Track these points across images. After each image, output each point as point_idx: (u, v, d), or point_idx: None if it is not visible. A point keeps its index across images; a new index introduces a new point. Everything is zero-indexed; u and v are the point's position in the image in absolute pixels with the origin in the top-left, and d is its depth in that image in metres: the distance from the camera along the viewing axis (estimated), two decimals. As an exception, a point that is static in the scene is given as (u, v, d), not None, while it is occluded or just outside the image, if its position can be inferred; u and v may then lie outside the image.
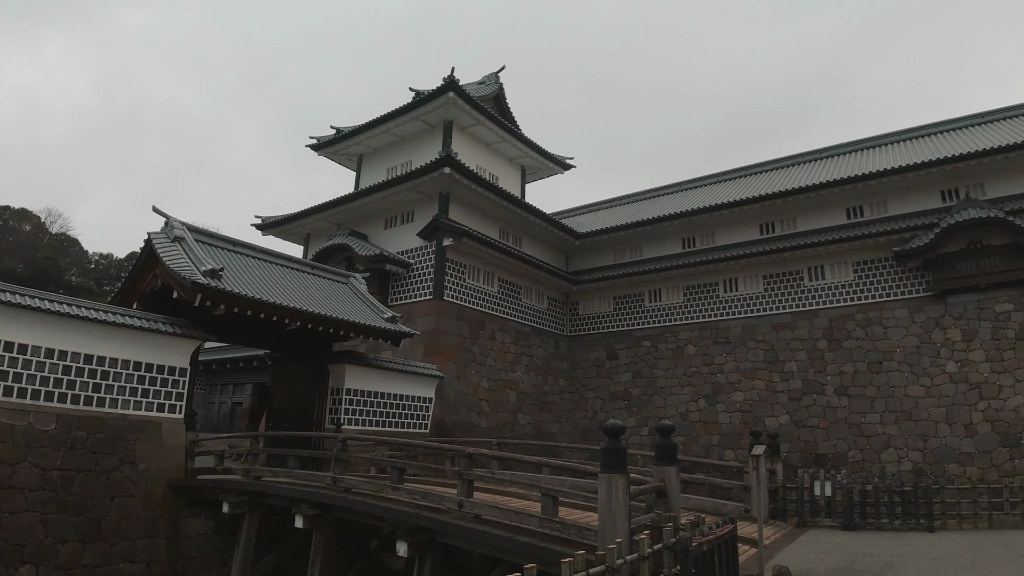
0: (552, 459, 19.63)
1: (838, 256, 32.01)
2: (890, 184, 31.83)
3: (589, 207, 48.96)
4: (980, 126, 35.86)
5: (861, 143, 39.86)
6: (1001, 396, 27.29)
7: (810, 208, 33.89)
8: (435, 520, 14.21)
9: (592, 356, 37.56)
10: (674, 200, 42.16)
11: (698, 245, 36.83)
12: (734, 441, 31.23)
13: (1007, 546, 18.19)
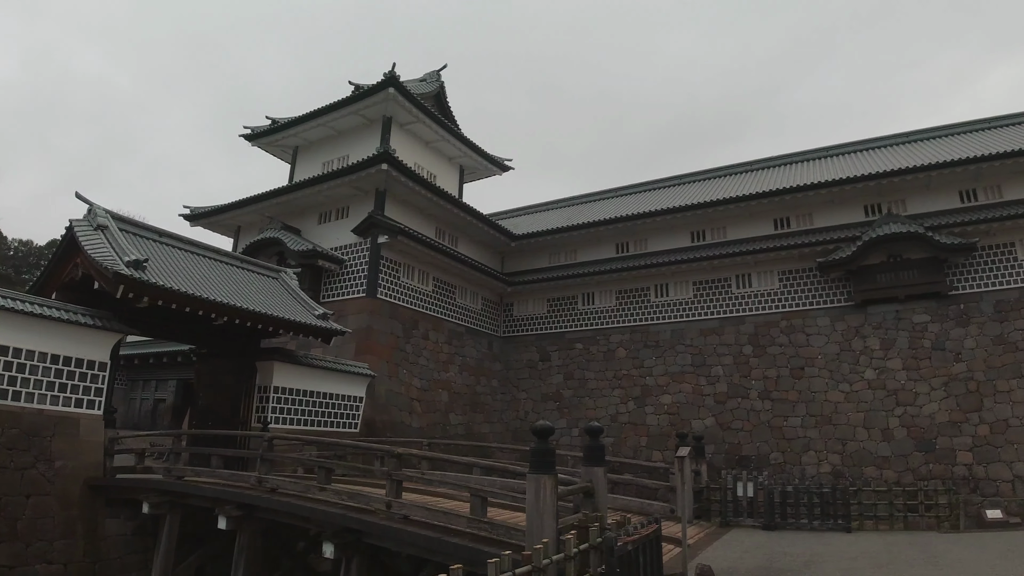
0: (483, 459, 19.66)
1: (765, 265, 33.08)
2: (816, 197, 33.08)
3: (526, 209, 49.26)
4: (905, 144, 37.68)
5: (791, 157, 41.29)
6: (917, 403, 28.61)
7: (740, 218, 34.90)
8: (363, 521, 14.10)
9: (525, 357, 37.83)
10: (610, 205, 42.77)
11: (632, 250, 37.48)
12: (662, 443, 31.87)
13: (921, 547, 18.95)
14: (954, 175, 30.96)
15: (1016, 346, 28.14)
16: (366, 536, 14.25)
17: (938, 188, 31.58)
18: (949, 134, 37.33)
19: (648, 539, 10.59)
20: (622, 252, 37.74)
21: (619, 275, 35.69)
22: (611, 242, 38.18)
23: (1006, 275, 29.32)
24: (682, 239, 36.31)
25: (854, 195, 32.66)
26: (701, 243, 35.74)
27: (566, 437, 33.72)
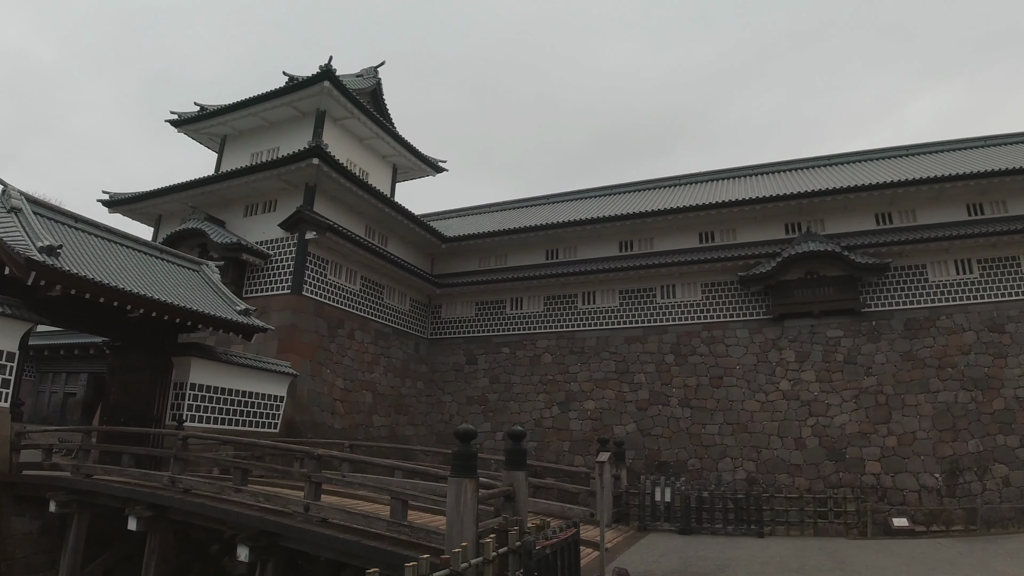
0: (405, 462, 19.51)
1: (689, 277, 33.92)
2: (740, 213, 34.16)
3: (459, 211, 49.23)
4: (827, 167, 39.55)
5: (718, 173, 42.60)
6: (828, 414, 29.76)
7: (667, 230, 35.68)
8: (279, 524, 13.79)
9: (451, 360, 37.72)
10: (542, 212, 43.14)
11: (561, 257, 37.87)
12: (584, 447, 32.22)
13: (830, 553, 19.60)
14: (871, 198, 32.49)
15: (924, 363, 29.59)
16: (283, 539, 13.94)
17: (856, 209, 33.06)
18: (870, 158, 39.25)
19: (566, 543, 10.66)
20: (552, 259, 38.08)
21: (548, 281, 36.00)
22: (541, 248, 38.48)
23: (916, 295, 30.86)
24: (611, 248, 36.88)
25: (776, 213, 33.90)
26: (629, 253, 36.38)
27: (490, 441, 33.73)
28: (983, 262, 30.69)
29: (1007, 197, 31.70)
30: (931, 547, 20.47)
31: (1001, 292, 30.18)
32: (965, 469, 27.43)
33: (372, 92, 38.24)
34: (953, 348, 29.68)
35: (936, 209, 32.34)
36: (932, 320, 30.41)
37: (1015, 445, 27.41)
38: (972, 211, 32.09)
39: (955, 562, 17.43)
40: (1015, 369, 28.69)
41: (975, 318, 30.02)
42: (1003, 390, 28.45)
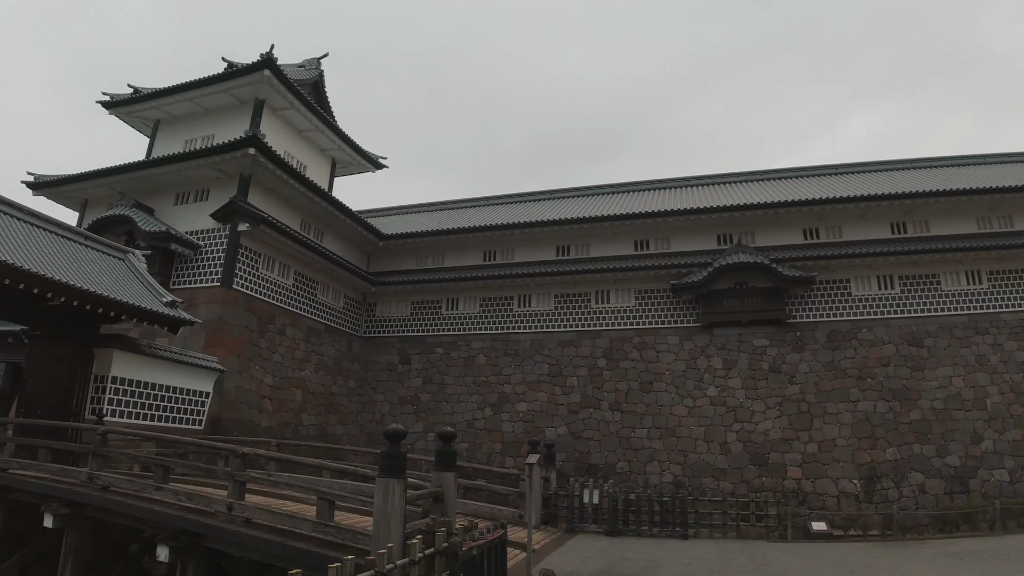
0: (333, 462, 19.22)
1: (623, 283, 34.45)
2: (675, 223, 34.91)
3: (398, 209, 48.75)
4: (761, 181, 40.86)
5: (656, 183, 43.46)
6: (753, 420, 30.59)
7: (603, 236, 36.13)
8: (201, 523, 13.45)
9: (385, 359, 37.34)
10: (481, 213, 43.11)
11: (499, 259, 37.92)
12: (515, 449, 32.31)
13: (751, 555, 20.07)
14: (800, 213, 33.64)
15: (845, 373, 30.70)
16: (205, 539, 13.59)
17: (785, 224, 34.16)
18: (802, 175, 40.81)
19: (493, 544, 10.68)
20: (489, 260, 38.10)
21: (484, 283, 36.04)
22: (479, 250, 38.47)
23: (840, 308, 32.04)
24: (548, 252, 37.14)
25: (709, 224, 34.76)
26: (566, 257, 36.71)
27: (421, 442, 33.50)
28: (904, 278, 32.08)
29: (929, 218, 33.25)
30: (849, 551, 21.17)
31: (920, 308, 31.59)
32: (882, 476, 28.56)
33: (314, 84, 37.60)
34: (873, 360, 30.89)
35: (862, 226, 33.66)
36: (854, 332, 31.60)
37: (931, 454, 28.67)
38: (896, 230, 33.54)
39: (871, 566, 18.05)
40: (932, 382, 30.04)
41: (895, 332, 31.32)
42: (920, 401, 29.76)
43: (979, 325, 31.08)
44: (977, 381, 29.91)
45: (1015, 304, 31.16)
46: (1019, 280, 31.45)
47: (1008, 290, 31.43)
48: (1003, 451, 28.34)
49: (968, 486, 27.88)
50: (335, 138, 37.98)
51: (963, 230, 32.99)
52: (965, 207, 32.97)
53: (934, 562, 18.52)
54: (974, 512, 25.80)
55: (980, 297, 31.56)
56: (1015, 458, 28.13)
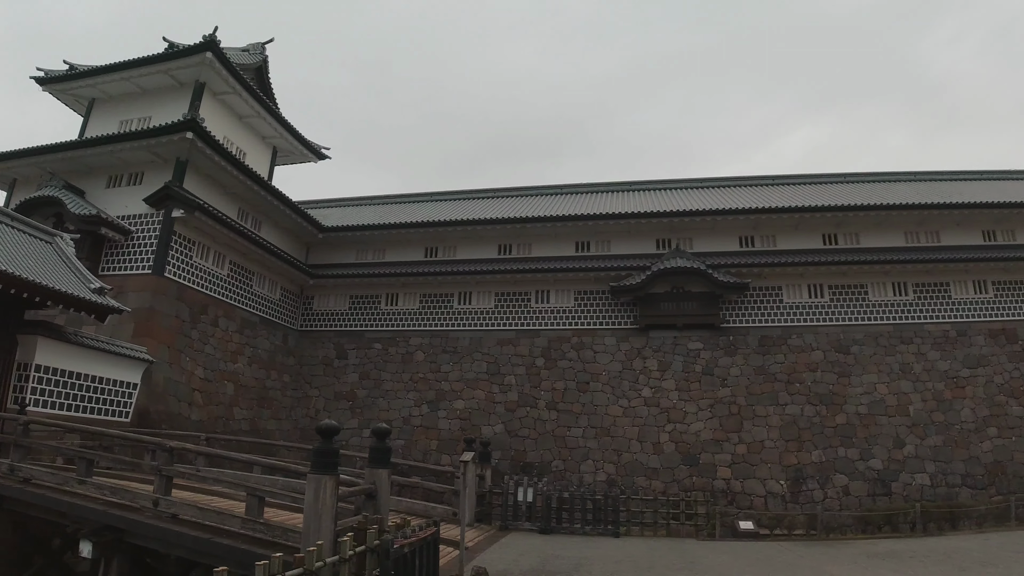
0: (264, 458, 18.90)
1: (563, 284, 34.73)
2: (616, 226, 35.38)
3: (340, 201, 48.00)
4: (700, 189, 41.83)
5: (599, 186, 44.08)
6: (685, 421, 31.22)
7: (545, 237, 36.34)
8: (126, 519, 13.07)
9: (321, 353, 36.74)
10: (424, 209, 42.83)
11: (440, 256, 37.76)
12: (452, 447, 32.22)
13: (680, 552, 20.46)
14: (737, 221, 34.51)
15: (775, 377, 31.59)
16: (129, 535, 13.20)
17: (722, 231, 35.03)
18: (741, 184, 42.27)
19: (426, 542, 10.63)
20: (431, 256, 37.91)
21: (425, 279, 35.83)
22: (421, 246, 38.24)
23: (772, 314, 32.98)
24: (490, 250, 37.15)
25: (649, 228, 35.36)
26: (507, 256, 36.80)
27: (357, 438, 33.10)
28: (833, 288, 33.21)
29: (860, 230, 34.55)
30: (774, 550, 21.74)
31: (848, 316, 32.76)
32: (808, 477, 29.48)
33: (258, 69, 36.76)
34: (802, 365, 31.87)
35: (795, 236, 34.76)
36: (784, 338, 32.56)
37: (855, 457, 29.73)
38: (827, 240, 34.76)
39: (795, 564, 18.58)
40: (857, 388, 31.18)
41: (823, 339, 32.38)
42: (845, 406, 30.86)
43: (904, 335, 32.38)
44: (901, 388, 31.18)
45: (939, 316, 32.62)
46: (943, 293, 32.96)
47: (932, 302, 32.87)
48: (924, 456, 29.60)
49: (890, 489, 29.02)
50: (277, 126, 37.22)
51: (892, 243, 34.42)
52: (894, 221, 34.37)
53: (856, 562, 19.15)
54: (895, 514, 26.85)
55: (906, 308, 32.90)
56: (936, 463, 29.42)
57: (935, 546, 21.85)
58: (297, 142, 39.23)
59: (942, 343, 32.18)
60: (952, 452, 29.70)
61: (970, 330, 32.44)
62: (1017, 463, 29.36)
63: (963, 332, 32.41)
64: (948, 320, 32.69)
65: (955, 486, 28.97)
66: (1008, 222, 34.59)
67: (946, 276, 33.13)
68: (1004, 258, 32.45)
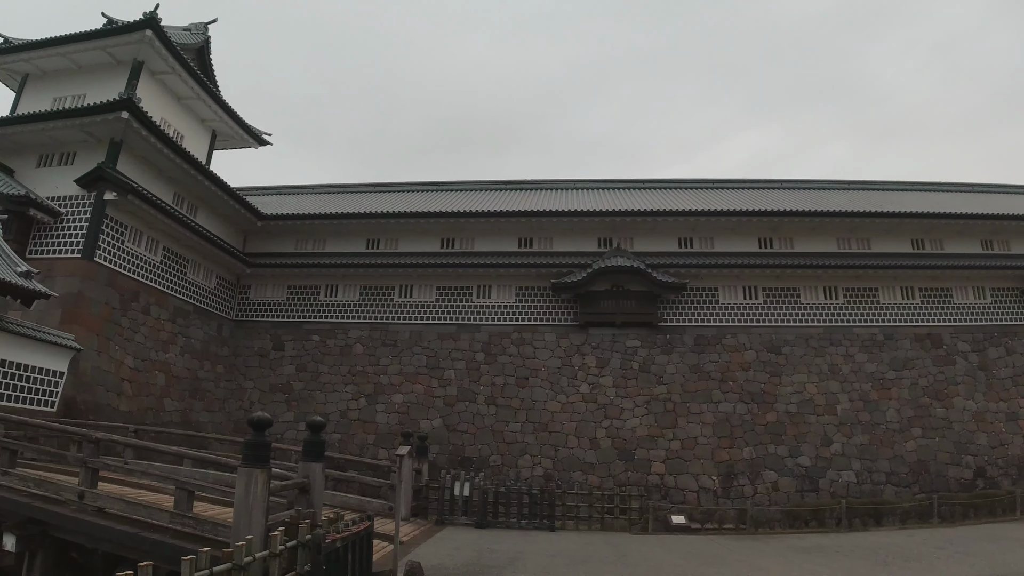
0: (195, 451, 18.50)
1: (505, 279, 34.86)
2: (558, 224, 35.65)
3: (280, 189, 47.09)
4: (643, 190, 42.62)
5: (543, 183, 44.48)
6: (622, 417, 31.71)
7: (488, 232, 36.38)
8: (50, 512, 12.68)
9: (257, 344, 35.97)
10: (367, 199, 42.40)
11: (382, 248, 37.37)
12: (389, 441, 32.03)
13: (614, 546, 20.83)
14: (677, 223, 35.20)
15: (709, 375, 32.34)
16: (54, 528, 12.80)
17: (662, 232, 35.69)
18: (683, 187, 43.31)
19: (359, 536, 10.59)
20: (373, 248, 37.49)
21: (366, 271, 35.46)
22: (362, 237, 37.78)
23: (708, 314, 33.75)
24: (433, 244, 36.97)
25: (591, 227, 35.77)
26: (450, 250, 36.65)
27: (292, 432, 32.55)
28: (767, 290, 34.15)
29: (794, 235, 35.65)
30: (705, 543, 22.32)
31: (781, 318, 33.75)
32: (739, 473, 30.31)
33: (199, 50, 35.71)
34: (735, 364, 32.70)
35: (732, 239, 35.63)
36: (719, 338, 33.35)
37: (784, 455, 30.69)
38: (763, 244, 35.73)
39: (725, 558, 19.11)
40: (788, 387, 32.16)
41: (756, 339, 33.27)
42: (776, 404, 31.80)
43: (833, 337, 33.51)
44: (829, 388, 32.29)
45: (867, 320, 33.91)
46: (872, 298, 34.30)
47: (861, 306, 34.16)
48: (851, 454, 30.76)
49: (818, 485, 30.07)
50: (217, 109, 36.25)
51: (824, 249, 35.58)
52: (827, 228, 35.53)
53: (783, 555, 19.81)
54: (822, 510, 27.86)
55: (836, 311, 34.05)
56: (861, 461, 30.62)
57: (860, 541, 22.71)
58: (237, 126, 38.32)
59: (870, 346, 33.42)
60: (877, 451, 30.92)
61: (897, 334, 33.78)
62: (940, 463, 30.79)
63: (890, 336, 33.72)
64: (876, 324, 33.98)
65: (880, 484, 30.19)
66: (936, 232, 36.12)
67: (875, 282, 34.47)
68: (931, 266, 34.04)
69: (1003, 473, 30.80)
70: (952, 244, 36.17)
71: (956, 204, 38.77)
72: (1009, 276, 34.63)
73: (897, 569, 17.14)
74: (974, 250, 36.06)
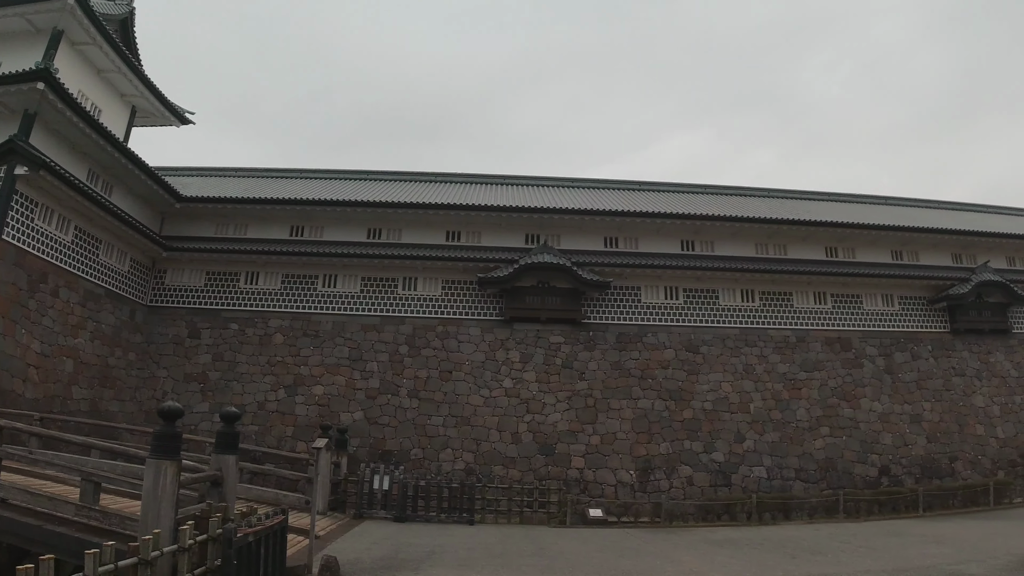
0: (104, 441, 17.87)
1: (432, 272, 34.71)
2: (487, 218, 35.75)
3: (203, 170, 45.41)
4: (572, 188, 43.47)
5: (474, 177, 44.61)
6: (544, 412, 32.10)
7: (416, 224, 36.13)
8: (-56, 503, 12.04)
9: (172, 332, 34.63)
10: (293, 185, 41.51)
11: (307, 236, 36.63)
12: (308, 434, 31.45)
13: (532, 539, 21.08)
14: (604, 222, 35.88)
15: (629, 372, 33.04)
16: (-52, 520, 12.18)
17: (589, 231, 36.30)
18: (611, 187, 44.44)
19: (272, 531, 10.46)
20: (297, 236, 36.70)
21: (289, 259, 34.64)
22: (287, 224, 36.94)
23: (630, 313, 34.47)
24: (359, 234, 36.46)
25: (519, 223, 35.99)
26: (377, 241, 36.25)
27: (207, 423, 31.54)
28: (688, 291, 35.14)
29: (715, 239, 36.90)
30: (621, 536, 22.84)
31: (699, 318, 34.78)
32: (656, 468, 31.16)
33: (123, 21, 34.20)
34: (655, 362, 33.51)
35: (656, 240, 36.54)
36: (640, 336, 34.10)
37: (699, 450, 31.72)
38: (686, 246, 36.84)
39: (640, 550, 19.58)
40: (704, 385, 33.19)
41: (676, 338, 34.16)
42: (693, 402, 32.78)
43: (749, 338, 34.73)
44: (743, 387, 33.48)
45: (781, 322, 35.34)
46: (786, 301, 35.82)
47: (776, 309, 35.56)
48: (762, 451, 32.03)
49: (730, 480, 31.23)
50: (139, 83, 34.72)
51: (743, 253, 36.93)
52: (747, 233, 36.84)
53: (695, 547, 20.44)
54: (734, 504, 28.86)
55: (752, 313, 35.29)
56: (772, 457, 31.95)
57: (769, 535, 23.60)
58: (159, 102, 36.84)
59: (783, 347, 34.77)
60: (787, 448, 32.27)
61: (808, 337, 35.29)
62: (846, 460, 32.50)
63: (802, 338, 35.17)
64: (789, 327, 35.39)
65: (789, 479, 31.55)
66: (849, 241, 37.97)
67: (790, 286, 35.94)
68: (843, 273, 35.74)
69: (906, 472, 32.64)
70: (864, 253, 38.17)
71: (870, 215, 40.72)
72: (916, 285, 36.78)
73: (804, 562, 17.85)
74: (885, 260, 38.19)
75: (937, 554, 18.55)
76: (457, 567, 15.76)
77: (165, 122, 39.00)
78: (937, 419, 34.35)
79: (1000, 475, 33.05)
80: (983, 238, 38.53)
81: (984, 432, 34.61)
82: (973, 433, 34.46)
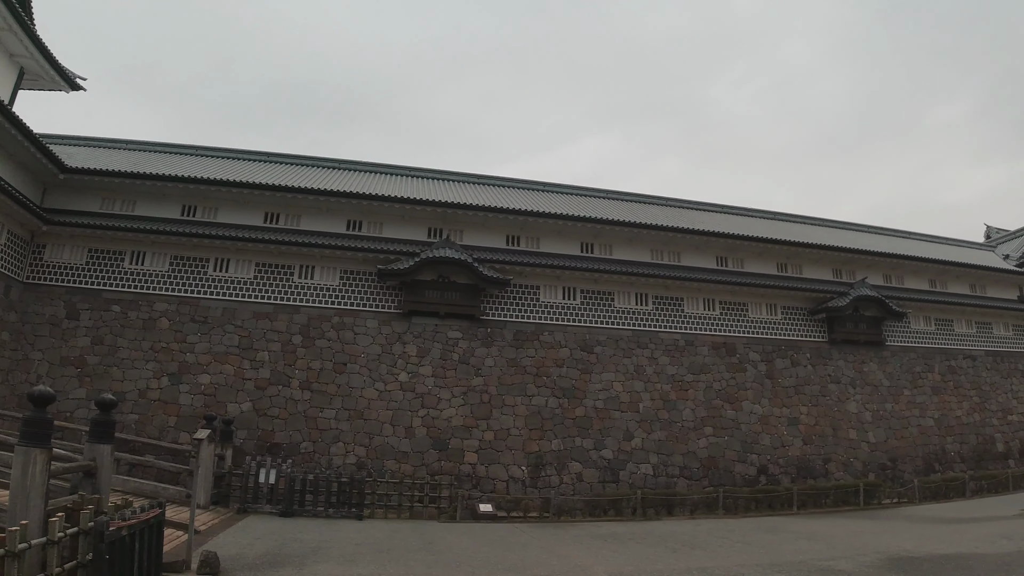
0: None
1: (330, 261, 33.98)
2: (390, 209, 35.37)
3: (91, 140, 42.44)
4: (479, 185, 43.66)
5: (379, 166, 43.77)
6: (439, 407, 32.07)
7: (315, 210, 35.33)
8: None
9: (48, 311, 32.42)
10: (187, 162, 39.65)
11: (199, 216, 35.10)
12: (192, 424, 30.15)
13: (421, 534, 21.12)
14: (507, 220, 36.34)
15: (525, 370, 33.48)
16: None
17: (492, 228, 36.59)
18: (517, 187, 44.63)
19: (148, 524, 10.06)
20: (189, 216, 35.09)
21: (178, 240, 32.88)
22: (178, 203, 35.22)
23: (528, 311, 34.89)
24: (255, 217, 35.25)
25: (423, 216, 35.83)
26: (273, 226, 35.12)
27: (84, 410, 29.54)
28: (585, 292, 35.94)
29: (614, 243, 38.22)
30: (510, 531, 23.13)
31: (595, 319, 35.62)
32: (547, 464, 31.72)
33: (16, -25, 31.84)
34: (550, 360, 34.08)
35: (558, 241, 37.53)
36: (537, 334, 34.60)
37: (589, 447, 32.56)
38: (584, 249, 38.07)
39: (528, 544, 19.92)
40: (596, 384, 34.07)
41: (571, 337, 34.86)
42: (585, 400, 33.58)
43: (640, 340, 35.87)
44: (634, 387, 34.59)
45: (672, 326, 36.75)
46: (677, 306, 37.38)
47: (667, 313, 36.92)
48: (649, 448, 33.22)
49: (618, 477, 32.26)
50: (29, 44, 32.03)
51: (640, 258, 38.47)
52: (644, 239, 38.24)
53: (581, 542, 20.97)
54: (620, 500, 29.81)
55: (645, 316, 36.47)
56: (658, 455, 33.30)
57: (652, 529, 24.46)
58: (49, 66, 34.26)
59: (672, 350, 36.09)
60: (673, 446, 33.57)
61: (697, 341, 36.78)
62: (728, 459, 34.24)
63: (691, 342, 36.61)
64: (679, 331, 36.79)
65: (674, 477, 32.87)
66: (739, 252, 39.92)
67: (681, 292, 37.41)
68: (731, 282, 37.63)
69: (783, 471, 34.58)
70: (752, 264, 40.21)
71: (759, 229, 42.80)
72: (798, 296, 39.06)
73: (684, 556, 18.59)
74: (771, 271, 40.40)
75: (809, 550, 19.65)
76: (343, 562, 15.58)
77: (55, 86, 36.42)
78: (813, 423, 36.59)
79: (871, 477, 35.53)
80: (862, 256, 41.47)
81: (856, 436, 37.18)
82: (846, 437, 36.95)
